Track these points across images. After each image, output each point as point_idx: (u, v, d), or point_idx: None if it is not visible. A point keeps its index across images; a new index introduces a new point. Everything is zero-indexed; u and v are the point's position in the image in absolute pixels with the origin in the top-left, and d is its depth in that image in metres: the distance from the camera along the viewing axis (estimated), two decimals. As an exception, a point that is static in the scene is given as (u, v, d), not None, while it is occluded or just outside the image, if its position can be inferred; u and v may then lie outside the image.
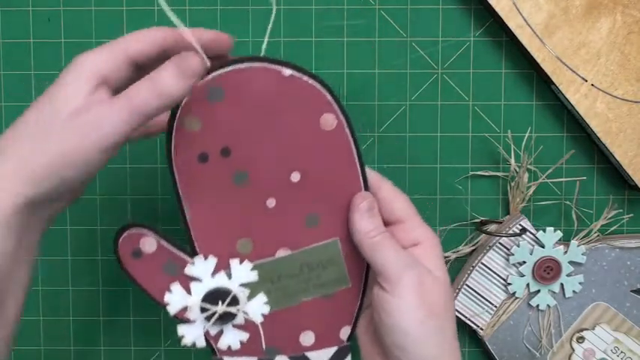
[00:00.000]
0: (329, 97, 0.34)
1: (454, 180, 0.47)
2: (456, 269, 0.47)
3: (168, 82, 0.30)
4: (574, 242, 0.45)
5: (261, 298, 0.36)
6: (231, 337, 0.36)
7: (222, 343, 0.36)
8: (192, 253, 0.35)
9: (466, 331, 0.47)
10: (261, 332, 0.36)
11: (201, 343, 0.36)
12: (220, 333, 0.36)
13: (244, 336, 0.36)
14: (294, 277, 0.36)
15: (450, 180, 0.47)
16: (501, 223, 0.46)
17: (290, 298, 0.36)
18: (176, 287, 0.35)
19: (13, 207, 0.29)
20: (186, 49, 0.31)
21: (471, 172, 0.47)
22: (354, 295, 0.37)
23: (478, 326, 0.46)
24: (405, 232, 0.35)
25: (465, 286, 0.46)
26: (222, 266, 0.35)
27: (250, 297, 0.36)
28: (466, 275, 0.46)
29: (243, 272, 0.35)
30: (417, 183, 0.47)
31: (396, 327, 0.33)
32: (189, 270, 0.35)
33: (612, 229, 0.47)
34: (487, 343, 0.46)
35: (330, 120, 0.34)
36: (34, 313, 0.48)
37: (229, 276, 0.35)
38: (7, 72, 0.46)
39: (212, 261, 0.35)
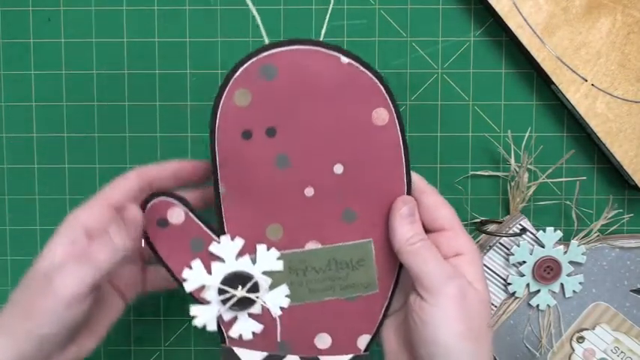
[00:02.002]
0: (384, 91, 0.32)
1: (454, 180, 0.47)
2: (456, 269, 0.47)
3: (113, 241, 0.33)
4: (574, 242, 0.45)
5: (283, 289, 0.35)
6: (245, 326, 0.35)
7: (234, 331, 0.35)
8: (220, 232, 0.34)
9: (466, 331, 0.47)
10: (278, 325, 0.35)
11: (212, 326, 0.34)
12: (234, 320, 0.35)
13: (258, 327, 0.35)
14: (320, 273, 0.35)
15: (450, 180, 0.47)
16: (501, 223, 0.46)
17: (312, 295, 0.35)
18: (197, 264, 0.34)
19: None
20: (164, 184, 0.36)
21: (471, 172, 0.47)
22: (380, 303, 0.35)
23: (478, 326, 0.46)
24: (447, 240, 0.34)
25: (465, 286, 0.46)
26: (248, 250, 0.34)
27: (272, 287, 0.35)
28: (466, 275, 0.46)
29: (268, 259, 0.34)
30: (417, 183, 0.47)
31: (434, 339, 0.32)
32: (214, 248, 0.34)
33: (612, 229, 0.47)
34: (487, 343, 0.46)
35: (382, 115, 0.33)
36: (34, 313, 0.48)
37: (254, 261, 0.34)
38: (7, 72, 0.46)
39: (239, 242, 0.34)
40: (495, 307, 0.46)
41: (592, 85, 0.43)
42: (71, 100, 0.47)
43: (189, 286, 0.34)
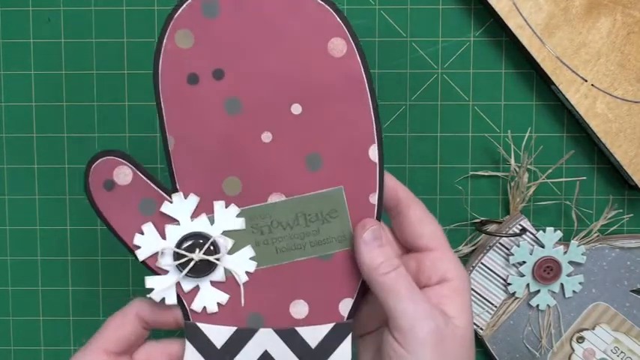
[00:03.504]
0: (339, 19, 0.30)
1: (454, 180, 0.47)
2: (456, 269, 0.47)
3: None
4: (574, 242, 0.45)
5: (247, 251, 0.31)
6: (208, 297, 0.31)
7: (197, 304, 0.31)
8: (173, 191, 0.31)
9: (466, 331, 0.47)
10: (242, 291, 0.31)
11: (171, 298, 0.31)
12: (196, 291, 0.31)
13: (223, 297, 0.31)
14: (287, 229, 0.31)
15: (450, 180, 0.47)
16: (501, 223, 0.46)
17: (281, 255, 0.31)
18: (149, 228, 0.31)
19: None
20: (167, 324, 0.32)
21: (471, 172, 0.47)
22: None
23: (478, 326, 0.46)
24: (432, 263, 0.31)
25: (465, 286, 0.46)
26: (205, 209, 0.31)
27: (234, 250, 0.31)
28: (466, 275, 0.46)
29: (227, 217, 0.31)
30: (417, 183, 0.47)
31: None
32: (166, 209, 0.31)
33: (612, 229, 0.47)
34: (487, 343, 0.46)
35: (339, 45, 0.30)
36: (34, 313, 0.48)
37: (212, 221, 0.31)
38: (7, 72, 0.46)
39: (193, 200, 0.31)
40: (495, 307, 0.46)
41: (592, 85, 0.43)
42: (71, 100, 0.47)
43: (142, 254, 0.31)
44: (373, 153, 0.31)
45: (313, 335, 0.32)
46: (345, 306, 0.32)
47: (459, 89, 0.46)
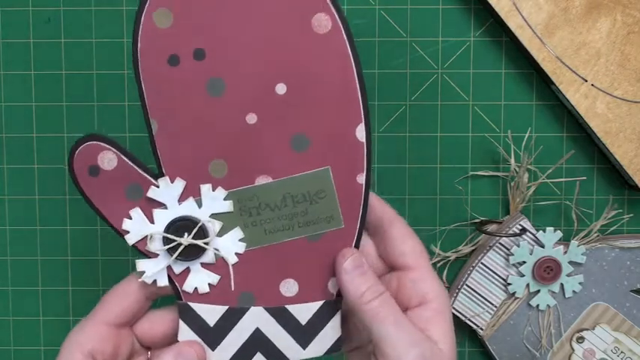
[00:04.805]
0: None
1: (454, 180, 0.47)
2: (456, 269, 0.47)
3: None
4: (574, 242, 0.45)
5: (236, 233, 0.32)
6: (199, 278, 0.32)
7: (189, 285, 0.32)
8: (159, 175, 0.31)
9: (466, 331, 0.47)
10: (231, 272, 0.32)
11: (163, 281, 0.31)
12: (187, 272, 0.32)
13: (214, 278, 0.32)
14: (275, 210, 0.31)
15: (450, 180, 0.47)
16: (501, 223, 0.46)
17: (270, 236, 0.32)
18: (137, 213, 0.31)
19: None
20: (164, 293, 0.32)
21: (471, 172, 0.47)
22: (347, 240, 0.32)
23: (478, 326, 0.46)
24: (412, 283, 0.31)
25: (465, 286, 0.46)
26: (192, 192, 0.31)
27: (223, 232, 0.32)
28: (466, 275, 0.46)
29: (215, 200, 0.31)
30: (417, 183, 0.47)
31: None
32: (153, 194, 0.31)
33: (612, 229, 0.47)
34: (487, 343, 0.46)
35: (324, 21, 0.29)
36: (34, 313, 0.48)
37: (199, 204, 0.31)
38: (7, 72, 0.47)
39: (179, 184, 0.31)
40: (495, 307, 0.46)
41: (592, 85, 0.43)
42: (71, 100, 0.47)
43: (131, 239, 0.31)
44: (360, 133, 0.31)
45: (303, 312, 0.32)
46: (334, 284, 0.33)
47: (459, 89, 0.46)
